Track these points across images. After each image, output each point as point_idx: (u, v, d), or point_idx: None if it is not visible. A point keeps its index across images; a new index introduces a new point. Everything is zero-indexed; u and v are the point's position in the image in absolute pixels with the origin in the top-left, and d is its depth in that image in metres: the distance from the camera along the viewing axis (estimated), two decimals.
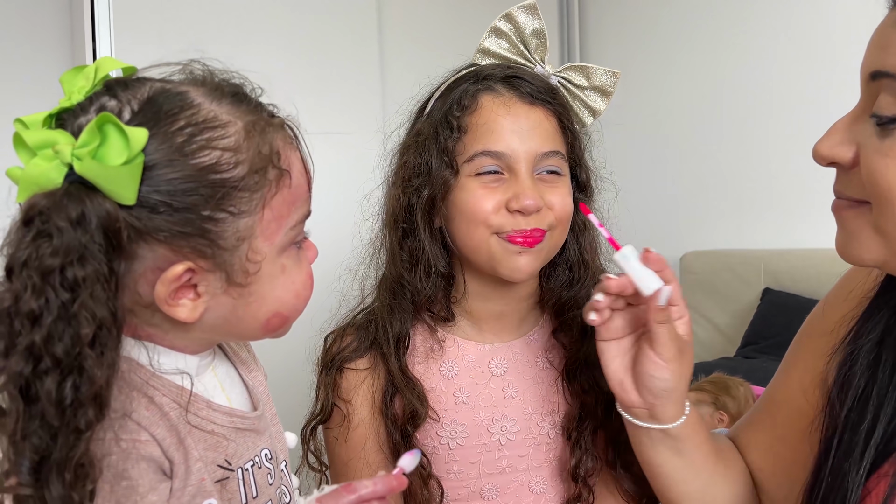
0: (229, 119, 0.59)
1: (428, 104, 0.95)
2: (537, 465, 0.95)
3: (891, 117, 0.57)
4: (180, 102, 0.58)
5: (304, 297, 0.65)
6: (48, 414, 0.50)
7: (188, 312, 0.59)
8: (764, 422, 0.87)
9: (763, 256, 2.73)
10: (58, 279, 0.51)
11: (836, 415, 0.70)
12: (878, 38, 0.59)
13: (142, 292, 0.57)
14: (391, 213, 0.94)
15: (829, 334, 0.74)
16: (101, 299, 0.52)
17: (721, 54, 2.82)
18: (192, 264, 0.57)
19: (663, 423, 0.79)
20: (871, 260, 0.61)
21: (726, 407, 2.06)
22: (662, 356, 0.75)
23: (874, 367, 0.68)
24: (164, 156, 0.55)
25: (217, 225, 0.57)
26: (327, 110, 2.07)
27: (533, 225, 0.86)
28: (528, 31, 0.94)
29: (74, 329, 0.51)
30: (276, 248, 0.61)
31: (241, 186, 0.58)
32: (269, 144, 0.60)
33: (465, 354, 0.96)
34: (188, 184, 0.56)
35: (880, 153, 0.58)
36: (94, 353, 0.52)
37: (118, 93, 0.57)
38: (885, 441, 0.66)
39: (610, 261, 1.00)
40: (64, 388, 0.51)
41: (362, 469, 0.94)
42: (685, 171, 2.95)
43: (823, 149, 0.63)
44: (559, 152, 0.90)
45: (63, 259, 0.51)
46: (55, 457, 0.50)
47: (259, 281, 0.61)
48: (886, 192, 0.57)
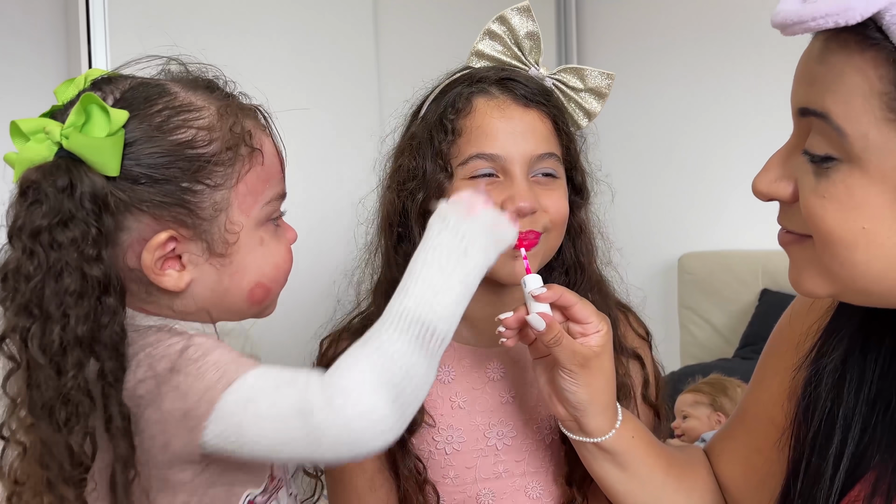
0: (203, 104, 0.65)
1: (422, 107, 0.94)
2: (533, 471, 0.94)
3: (822, 156, 0.56)
4: (159, 91, 0.64)
5: (283, 270, 0.69)
6: (36, 357, 0.57)
7: (174, 281, 0.63)
8: (738, 433, 0.87)
9: (761, 257, 2.73)
10: (46, 238, 0.58)
11: (803, 437, 0.70)
12: (805, 73, 0.57)
13: (131, 265, 0.63)
14: (386, 217, 0.94)
15: (795, 348, 0.74)
16: (91, 257, 0.58)
17: (717, 55, 2.82)
18: (174, 232, 0.62)
19: (593, 437, 0.81)
20: (823, 293, 0.61)
21: (724, 408, 2.07)
22: (565, 370, 0.79)
23: (839, 387, 0.68)
24: (144, 133, 0.61)
25: (195, 196, 0.63)
26: (322, 114, 2.07)
27: (528, 227, 0.85)
28: (522, 33, 0.93)
29: (59, 284, 0.58)
30: (252, 220, 0.66)
31: (215, 161, 0.63)
32: (241, 125, 0.66)
33: (462, 359, 0.95)
34: (167, 157, 0.61)
35: (817, 194, 0.57)
36: (81, 305, 0.58)
37: (102, 87, 0.64)
38: (854, 465, 0.65)
39: (607, 264, 1.01)
40: (51, 332, 0.57)
41: (358, 475, 0.94)
42: (682, 172, 2.94)
43: (762, 186, 0.62)
44: (554, 154, 0.89)
45: (50, 220, 0.58)
46: (49, 396, 0.58)
47: (239, 252, 0.65)
48: (826, 234, 0.57)
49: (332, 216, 1.07)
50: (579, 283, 0.95)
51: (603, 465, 0.83)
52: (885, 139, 0.53)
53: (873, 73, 0.52)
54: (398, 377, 0.59)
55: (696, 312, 2.89)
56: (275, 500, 0.69)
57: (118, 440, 0.59)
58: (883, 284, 0.57)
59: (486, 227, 0.67)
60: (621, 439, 0.82)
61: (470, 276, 0.65)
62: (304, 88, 2.04)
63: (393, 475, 0.93)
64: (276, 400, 0.59)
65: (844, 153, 0.55)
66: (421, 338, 0.60)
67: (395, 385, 0.59)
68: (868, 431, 0.65)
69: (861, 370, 0.67)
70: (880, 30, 0.51)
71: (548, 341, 0.78)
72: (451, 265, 0.63)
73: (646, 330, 1.03)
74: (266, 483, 0.68)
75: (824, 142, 0.56)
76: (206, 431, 0.58)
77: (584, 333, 0.79)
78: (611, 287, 1.01)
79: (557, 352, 0.78)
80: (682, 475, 0.86)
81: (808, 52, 0.58)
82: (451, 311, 0.63)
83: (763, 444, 0.79)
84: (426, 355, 0.61)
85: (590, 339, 0.79)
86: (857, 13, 0.50)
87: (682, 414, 2.10)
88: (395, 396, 0.58)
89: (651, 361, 1.01)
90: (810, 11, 0.52)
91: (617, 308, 1.00)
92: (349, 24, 2.21)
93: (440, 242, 0.65)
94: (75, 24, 1.83)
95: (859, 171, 0.54)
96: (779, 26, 0.55)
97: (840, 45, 0.54)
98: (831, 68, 0.54)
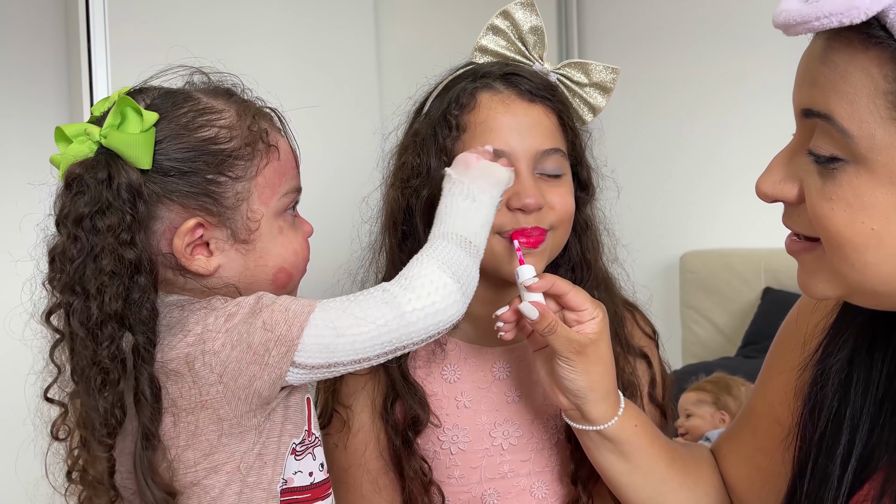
0: (224, 107, 0.74)
1: (426, 104, 0.93)
2: (539, 470, 0.94)
3: (827, 156, 0.55)
4: (184, 97, 0.73)
5: (302, 256, 0.78)
6: (77, 329, 0.66)
7: (204, 265, 0.71)
8: (744, 432, 0.86)
9: (763, 255, 2.72)
10: (88, 224, 0.66)
11: (810, 437, 0.69)
12: (806, 73, 0.57)
13: (164, 250, 0.71)
14: (390, 216, 0.93)
15: (801, 346, 0.74)
16: (125, 242, 0.66)
17: (720, 50, 2.81)
18: (201, 219, 0.70)
19: (595, 425, 0.81)
20: (833, 295, 0.61)
21: (727, 407, 2.06)
22: (562, 358, 0.79)
23: (846, 387, 0.67)
24: (172, 132, 0.70)
25: (219, 186, 0.71)
26: (325, 112, 2.06)
27: (533, 223, 0.85)
28: (525, 28, 0.93)
29: (97, 265, 0.66)
30: (271, 210, 0.74)
31: (236, 155, 0.72)
32: (258, 125, 0.74)
33: (467, 358, 0.95)
34: (193, 152, 0.70)
35: (823, 197, 0.56)
36: (115, 283, 0.66)
37: (135, 96, 0.72)
38: (862, 465, 0.65)
39: (613, 261, 1.00)
40: (89, 308, 0.65)
41: (362, 476, 0.93)
42: (685, 169, 2.93)
43: (766, 187, 0.61)
44: (559, 150, 0.88)
45: (91, 208, 0.66)
46: (86, 364, 0.66)
47: (261, 239, 0.73)
48: (835, 237, 0.56)
49: (334, 215, 1.06)
50: (585, 280, 0.94)
51: (606, 455, 0.83)
52: (891, 139, 0.52)
53: (878, 71, 0.51)
54: (455, 264, 0.72)
55: (698, 311, 2.88)
56: (310, 454, 0.76)
57: (144, 409, 0.66)
58: (892, 286, 0.56)
59: (482, 174, 0.78)
60: (624, 427, 0.82)
61: (483, 211, 0.77)
62: (304, 86, 2.04)
63: (398, 476, 0.93)
64: (361, 302, 0.70)
65: (850, 154, 0.54)
66: (462, 244, 0.74)
67: (455, 269, 0.72)
68: (876, 432, 0.65)
69: (868, 370, 0.66)
70: (884, 28, 0.50)
71: (542, 330, 0.78)
72: (466, 204, 0.76)
73: (653, 329, 1.03)
74: (304, 435, 0.75)
75: (829, 142, 0.55)
76: (298, 352, 0.67)
77: (579, 321, 0.80)
78: (617, 285, 1.00)
79: (553, 340, 0.78)
80: (685, 470, 0.86)
81: (809, 51, 0.57)
82: (479, 231, 0.76)
83: (768, 443, 0.79)
84: (469, 256, 0.74)
85: (585, 326, 0.79)
86: (862, 12, 0.49)
87: (686, 412, 2.09)
88: (458, 277, 0.72)
89: (658, 361, 1.01)
90: (814, 11, 0.51)
91: (624, 307, 0.99)
92: (350, 20, 2.20)
93: (452, 195, 0.77)
94: (75, 24, 1.82)
95: (866, 171, 0.53)
96: (781, 26, 0.54)
97: (843, 45, 0.53)
98: (834, 68, 0.53)
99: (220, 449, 0.68)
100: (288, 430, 0.73)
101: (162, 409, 0.68)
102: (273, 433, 0.72)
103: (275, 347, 0.67)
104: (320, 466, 0.77)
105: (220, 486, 0.69)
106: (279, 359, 0.67)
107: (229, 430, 0.68)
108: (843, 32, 0.52)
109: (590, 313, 0.80)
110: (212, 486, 0.69)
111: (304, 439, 0.75)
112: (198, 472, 0.68)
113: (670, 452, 0.85)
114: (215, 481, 0.69)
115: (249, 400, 0.68)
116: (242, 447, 0.69)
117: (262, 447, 0.71)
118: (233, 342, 0.67)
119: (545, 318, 0.78)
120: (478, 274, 0.75)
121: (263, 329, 0.67)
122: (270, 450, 0.71)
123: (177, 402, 0.68)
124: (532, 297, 0.80)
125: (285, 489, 0.73)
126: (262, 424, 0.70)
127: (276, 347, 0.67)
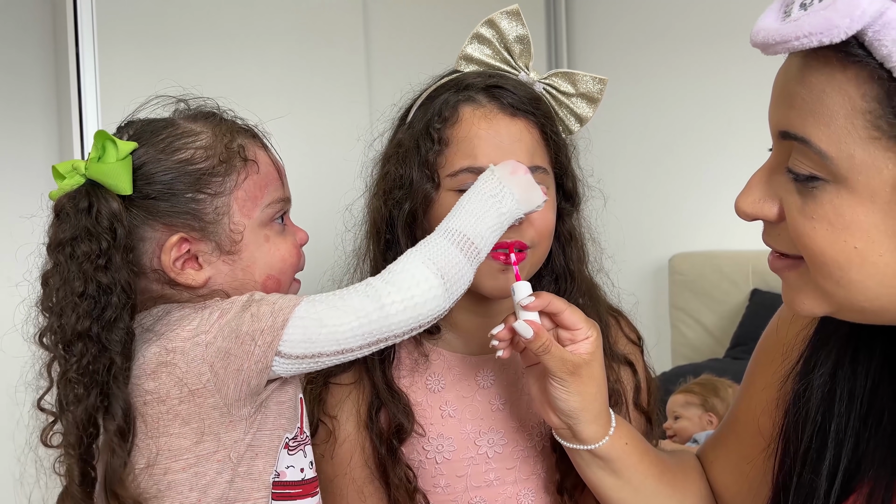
0: (202, 129, 0.77)
1: (409, 113, 0.93)
2: (525, 478, 0.93)
3: (807, 175, 0.55)
4: (164, 124, 0.77)
5: (290, 263, 0.80)
6: (50, 347, 0.71)
7: (194, 277, 0.75)
8: (729, 440, 0.86)
9: (751, 257, 2.73)
10: (68, 250, 0.71)
11: (794, 451, 0.69)
12: (783, 94, 0.56)
13: (155, 267, 0.75)
14: (373, 225, 0.92)
15: (782, 356, 0.74)
16: (100, 266, 0.70)
17: (706, 58, 2.82)
18: (185, 234, 0.74)
19: (587, 444, 0.81)
20: (820, 312, 0.60)
21: (715, 408, 2.07)
22: (555, 378, 0.78)
23: (829, 401, 0.67)
24: (151, 157, 0.74)
25: (199, 204, 0.74)
26: (312, 119, 2.05)
27: (514, 237, 0.84)
28: (511, 37, 0.92)
29: (70, 286, 0.70)
30: (255, 221, 0.77)
31: (212, 173, 0.75)
32: (236, 142, 0.77)
33: (452, 367, 0.94)
34: (171, 174, 0.74)
35: (805, 216, 0.56)
36: (85, 303, 0.70)
37: (121, 129, 0.78)
38: (847, 478, 0.65)
39: (598, 270, 1.00)
40: (63, 326, 0.70)
41: (348, 485, 0.93)
42: (672, 173, 2.94)
43: (746, 206, 0.61)
44: (541, 167, 0.88)
45: (70, 234, 0.70)
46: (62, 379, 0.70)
47: (247, 248, 0.77)
48: (818, 255, 0.56)
49: (320, 222, 1.06)
50: (569, 290, 0.94)
51: (597, 472, 0.83)
52: (871, 158, 0.51)
53: (855, 91, 0.51)
54: (442, 261, 0.74)
55: (687, 313, 2.89)
56: (302, 451, 0.79)
57: (109, 423, 0.69)
58: (877, 303, 0.56)
59: (522, 186, 0.80)
60: (615, 446, 0.81)
61: (502, 216, 0.78)
62: (292, 92, 2.03)
63: (383, 484, 0.92)
64: (345, 295, 0.73)
65: (830, 174, 0.53)
66: (462, 244, 0.75)
67: (441, 267, 0.73)
68: (861, 445, 0.65)
69: (851, 385, 0.66)
70: (862, 46, 0.50)
71: (536, 349, 0.78)
72: (490, 203, 0.78)
73: (637, 335, 1.02)
74: (296, 432, 0.78)
75: (808, 162, 0.54)
76: (283, 342, 0.70)
77: (573, 340, 0.79)
78: (602, 292, 1.00)
79: (546, 360, 0.78)
80: (675, 482, 0.86)
81: (785, 70, 0.56)
82: (485, 234, 0.77)
83: (753, 452, 0.79)
84: (465, 256, 0.75)
85: (579, 346, 0.79)
86: (842, 31, 0.49)
87: (674, 414, 2.10)
88: (443, 274, 0.73)
89: (643, 367, 1.00)
90: (793, 31, 0.51)
91: (608, 313, 0.99)
92: (338, 26, 2.19)
93: (485, 187, 0.79)
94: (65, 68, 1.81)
95: (846, 190, 0.53)
96: (759, 46, 0.53)
97: (821, 64, 0.52)
98: (811, 89, 0.53)
99: (209, 437, 0.71)
100: (281, 425, 0.76)
101: (132, 426, 0.70)
102: (266, 425, 0.74)
103: (260, 337, 0.70)
104: (310, 464, 0.79)
105: (211, 474, 0.71)
106: (265, 348, 0.70)
107: (220, 419, 0.71)
108: (821, 51, 0.51)
109: (584, 333, 0.79)
110: (203, 472, 0.71)
111: (296, 435, 0.78)
112: (189, 458, 0.71)
113: (660, 466, 0.85)
114: (207, 468, 0.71)
115: (238, 389, 0.70)
116: (233, 436, 0.72)
117: (254, 438, 0.73)
118: (224, 334, 0.70)
119: (539, 337, 0.77)
120: (471, 275, 0.76)
121: (251, 320, 0.70)
122: (263, 441, 0.74)
123: (170, 391, 0.70)
124: (527, 315, 0.79)
125: (277, 482, 0.75)
126: (252, 415, 0.73)
127: (261, 337, 0.70)
